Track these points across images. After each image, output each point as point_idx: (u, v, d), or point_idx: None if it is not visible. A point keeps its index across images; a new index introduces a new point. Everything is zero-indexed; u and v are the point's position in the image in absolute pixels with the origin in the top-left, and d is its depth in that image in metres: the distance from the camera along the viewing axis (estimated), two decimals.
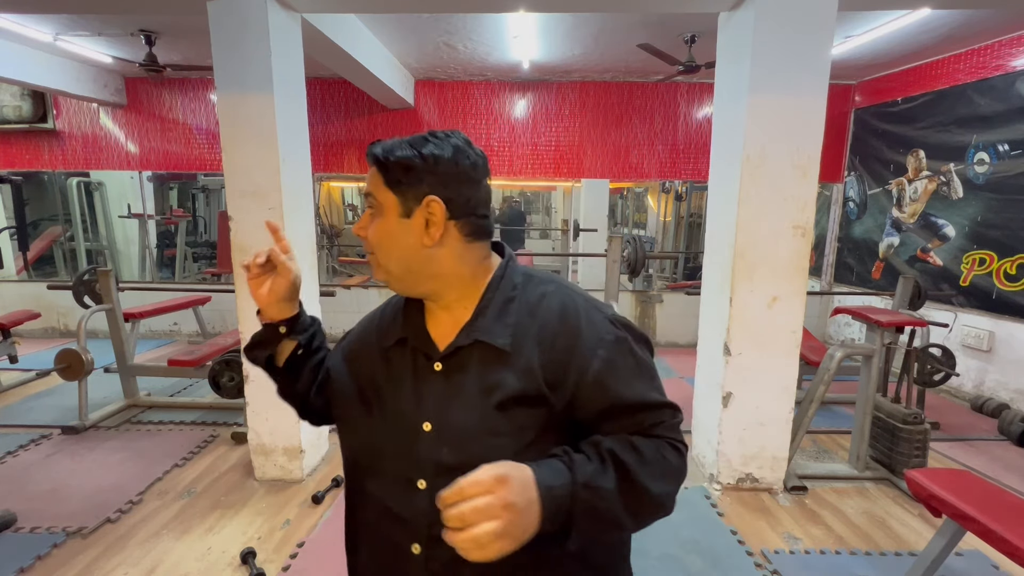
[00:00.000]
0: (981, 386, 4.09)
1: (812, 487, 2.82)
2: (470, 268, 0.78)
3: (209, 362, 3.40)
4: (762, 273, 2.59)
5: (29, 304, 5.41)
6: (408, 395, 0.77)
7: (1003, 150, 3.86)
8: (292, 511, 2.58)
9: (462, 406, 0.74)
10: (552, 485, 0.64)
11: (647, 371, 0.77)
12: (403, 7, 3.03)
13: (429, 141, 0.74)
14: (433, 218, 0.74)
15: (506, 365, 0.73)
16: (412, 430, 0.75)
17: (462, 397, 0.74)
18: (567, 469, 0.67)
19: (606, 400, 0.73)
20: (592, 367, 0.73)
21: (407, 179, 0.73)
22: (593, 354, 0.73)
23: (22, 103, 5.43)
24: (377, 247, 0.77)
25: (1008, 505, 1.71)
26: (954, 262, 4.26)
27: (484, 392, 0.73)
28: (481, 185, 0.78)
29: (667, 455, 0.73)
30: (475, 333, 0.75)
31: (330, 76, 5.31)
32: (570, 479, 0.65)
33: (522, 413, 0.72)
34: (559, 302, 0.77)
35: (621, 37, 4.07)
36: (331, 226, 7.68)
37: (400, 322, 0.83)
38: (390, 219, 0.75)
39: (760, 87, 2.44)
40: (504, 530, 0.58)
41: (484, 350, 0.75)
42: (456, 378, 0.75)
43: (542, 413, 0.73)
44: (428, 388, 0.76)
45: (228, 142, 2.59)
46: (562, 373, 0.73)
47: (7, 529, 2.38)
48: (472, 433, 0.72)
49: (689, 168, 5.60)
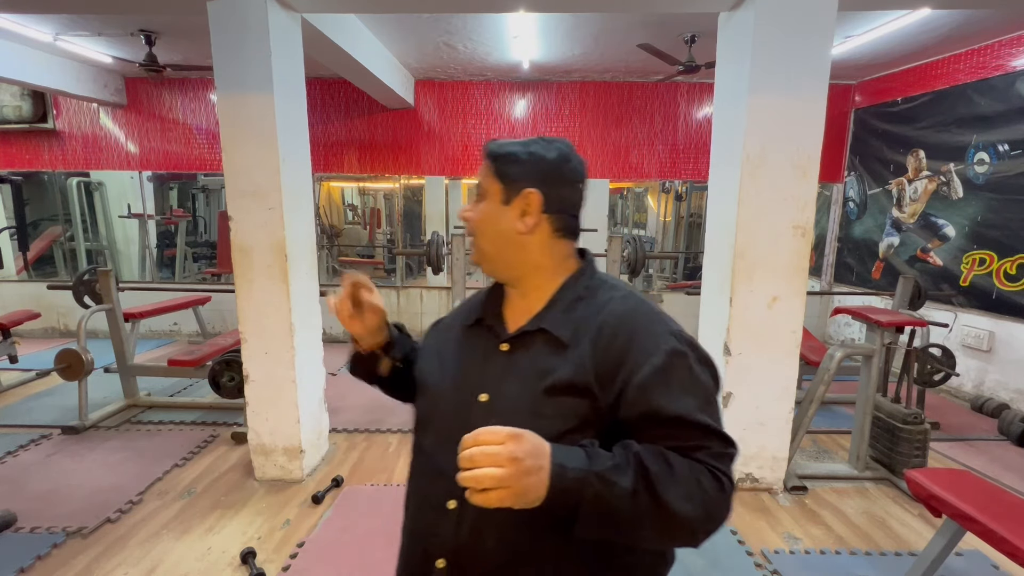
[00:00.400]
0: (981, 386, 4.09)
1: (812, 487, 2.82)
2: (553, 262, 0.86)
3: (209, 362, 3.40)
4: (762, 273, 2.59)
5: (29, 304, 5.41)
6: (475, 368, 0.86)
7: (1003, 150, 3.86)
8: (292, 511, 2.58)
9: (516, 384, 0.80)
10: (566, 464, 0.66)
11: (702, 392, 0.76)
12: (403, 7, 3.03)
13: (537, 143, 0.85)
14: (529, 208, 0.83)
15: (562, 355, 0.79)
16: (471, 398, 0.82)
17: (518, 376, 0.81)
18: (586, 456, 0.68)
19: (648, 406, 0.73)
20: (642, 371, 0.74)
21: (512, 171, 0.84)
22: (646, 359, 0.75)
23: (22, 103, 5.43)
24: (477, 228, 0.87)
25: (1008, 505, 1.71)
26: (954, 262, 4.26)
27: (538, 375, 0.79)
28: (576, 188, 0.87)
29: (703, 480, 0.70)
30: (541, 322, 0.83)
31: (330, 76, 5.31)
32: (586, 465, 0.67)
33: (568, 401, 0.76)
34: (624, 307, 0.81)
35: (621, 37, 4.07)
36: (331, 226, 7.68)
37: (481, 304, 0.93)
38: (493, 204, 0.85)
39: (760, 87, 2.44)
40: (505, 480, 0.62)
41: (546, 338, 0.81)
42: (517, 359, 0.82)
43: (586, 405, 0.76)
44: (492, 364, 0.84)
45: (228, 142, 2.59)
46: (613, 372, 0.76)
47: (7, 529, 2.38)
48: (520, 409, 0.77)
49: (689, 168, 5.60)
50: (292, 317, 2.71)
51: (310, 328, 2.93)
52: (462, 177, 5.82)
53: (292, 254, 2.70)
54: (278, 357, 2.74)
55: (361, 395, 4.16)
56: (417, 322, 5.89)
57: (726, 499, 0.72)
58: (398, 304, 5.87)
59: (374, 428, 3.54)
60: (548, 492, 0.65)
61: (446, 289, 5.68)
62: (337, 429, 3.50)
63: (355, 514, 2.56)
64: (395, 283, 6.09)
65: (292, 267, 2.70)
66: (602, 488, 0.66)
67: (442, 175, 5.70)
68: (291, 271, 2.69)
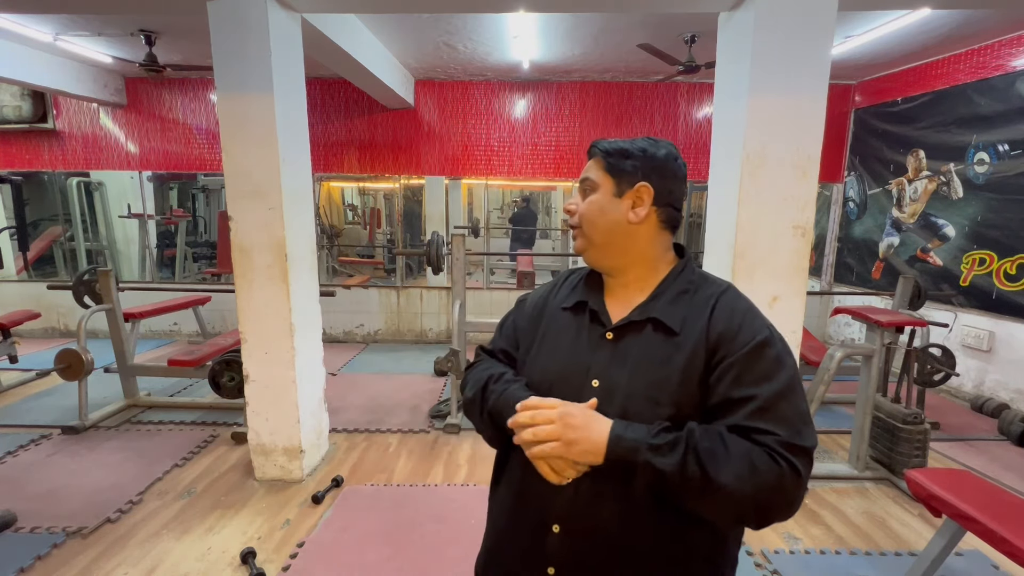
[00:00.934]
0: (981, 386, 4.09)
1: (812, 487, 2.82)
2: (657, 253, 0.93)
3: (209, 362, 3.40)
4: (762, 273, 2.59)
5: (29, 304, 5.41)
6: (582, 353, 0.90)
7: (1003, 150, 3.86)
8: (292, 511, 2.58)
9: (626, 372, 0.85)
10: (623, 435, 0.78)
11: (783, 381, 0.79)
12: (403, 7, 3.03)
13: (645, 141, 0.92)
14: (641, 200, 0.89)
15: (672, 344, 0.84)
16: (582, 383, 0.87)
17: (627, 364, 0.86)
18: (646, 431, 0.78)
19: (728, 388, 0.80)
20: (737, 354, 0.81)
21: (625, 166, 0.90)
22: (743, 344, 0.81)
23: (22, 103, 5.43)
24: (585, 219, 0.92)
25: (1008, 505, 1.71)
26: (954, 262, 4.26)
27: (649, 363, 0.84)
28: (682, 184, 0.93)
29: (757, 462, 0.74)
30: (650, 312, 0.87)
31: (330, 76, 5.31)
32: (642, 437, 0.77)
33: (686, 391, 0.82)
34: (730, 303, 0.87)
35: (621, 37, 4.07)
36: (331, 226, 7.68)
37: (581, 289, 0.96)
38: (604, 196, 0.91)
39: (760, 87, 2.44)
40: (554, 435, 0.78)
41: (656, 328, 0.86)
42: (623, 347, 0.87)
43: (699, 395, 0.82)
44: (597, 350, 0.89)
45: (228, 142, 2.59)
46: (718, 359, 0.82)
47: (7, 529, 2.38)
48: (637, 396, 0.83)
49: (689, 168, 5.58)
50: (292, 317, 2.71)
51: (310, 328, 2.93)
52: (462, 177, 5.81)
53: (292, 254, 2.70)
54: (278, 357, 2.74)
55: (361, 395, 4.16)
56: (417, 322, 5.89)
57: (783, 484, 0.74)
58: (398, 304, 5.87)
59: (374, 428, 3.54)
60: (606, 454, 0.77)
61: (446, 289, 5.68)
62: (337, 429, 3.50)
63: (355, 514, 2.56)
64: (395, 283, 6.09)
65: (292, 267, 2.70)
66: (652, 456, 0.75)
67: (442, 175, 5.70)
68: (291, 271, 2.69)
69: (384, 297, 5.87)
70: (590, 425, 0.79)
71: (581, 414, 0.80)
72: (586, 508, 0.83)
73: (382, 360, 5.19)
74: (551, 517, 0.86)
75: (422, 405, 3.96)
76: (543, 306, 1.00)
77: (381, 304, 5.87)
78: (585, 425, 0.79)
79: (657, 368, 0.84)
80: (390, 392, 4.24)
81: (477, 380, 0.96)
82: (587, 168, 0.94)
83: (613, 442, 0.77)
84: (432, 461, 3.10)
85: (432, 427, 3.57)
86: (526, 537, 0.89)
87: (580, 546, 0.85)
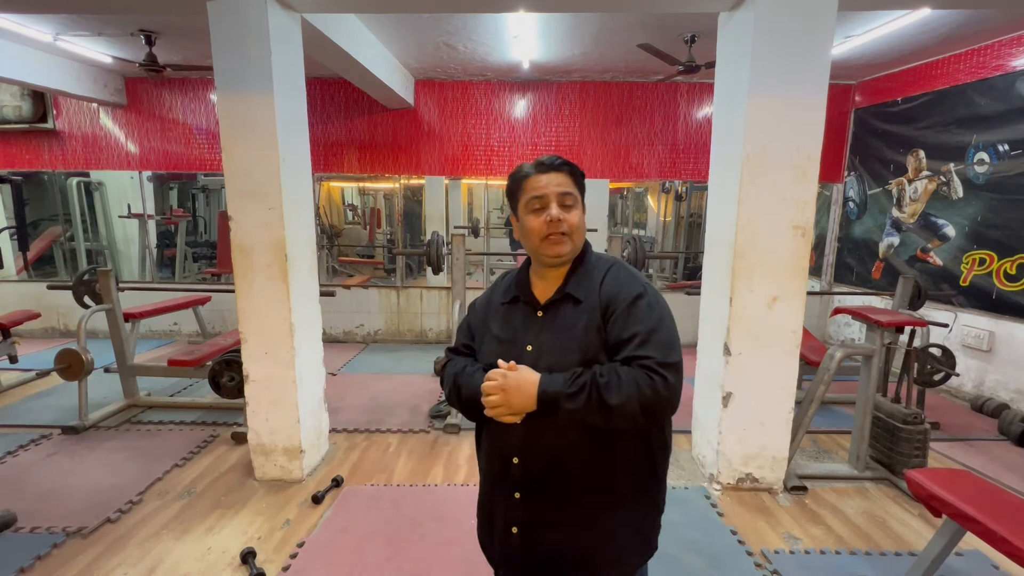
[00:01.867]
0: (981, 386, 4.09)
1: (812, 487, 2.82)
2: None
3: (209, 362, 3.40)
4: (762, 273, 2.59)
5: (29, 304, 5.41)
6: (518, 330, 1.19)
7: (1003, 150, 3.86)
8: (292, 511, 2.58)
9: (553, 335, 1.15)
10: (547, 389, 1.06)
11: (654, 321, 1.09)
12: (403, 7, 3.03)
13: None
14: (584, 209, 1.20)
15: (581, 310, 1.14)
16: (520, 350, 1.16)
17: (553, 330, 1.16)
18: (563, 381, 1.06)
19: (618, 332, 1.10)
20: (620, 307, 1.11)
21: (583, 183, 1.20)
22: (624, 300, 1.11)
23: (22, 103, 5.43)
24: (574, 229, 1.16)
25: (1008, 505, 1.71)
26: (954, 262, 4.26)
27: (565, 326, 1.14)
28: None
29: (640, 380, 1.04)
30: (565, 290, 1.17)
31: (330, 76, 5.31)
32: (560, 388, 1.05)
33: (586, 339, 1.11)
34: (615, 273, 1.17)
35: (621, 37, 4.07)
36: (331, 226, 7.68)
37: (512, 287, 1.25)
38: (579, 210, 1.18)
39: (760, 87, 2.44)
40: (500, 401, 1.07)
41: (570, 301, 1.16)
42: (549, 318, 1.17)
43: (598, 339, 1.11)
44: (531, 325, 1.18)
45: (228, 142, 2.59)
46: (609, 313, 1.12)
47: (7, 529, 2.38)
48: (557, 350, 1.13)
49: (689, 168, 5.60)
50: (292, 317, 2.71)
51: (310, 328, 2.93)
52: (462, 177, 5.82)
53: (292, 254, 2.70)
54: (278, 357, 2.74)
55: (361, 395, 4.16)
56: (417, 322, 5.89)
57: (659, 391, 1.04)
58: (398, 304, 5.87)
59: (374, 428, 3.54)
60: (537, 404, 1.07)
61: (446, 289, 5.68)
62: (337, 429, 3.50)
63: (355, 514, 2.56)
64: (395, 283, 6.09)
65: (292, 267, 2.70)
66: (567, 401, 1.05)
67: (442, 175, 5.70)
68: (291, 271, 2.69)
69: (384, 297, 5.87)
70: (522, 387, 1.07)
71: (515, 379, 1.08)
72: (532, 441, 1.13)
73: (382, 360, 5.19)
74: (510, 453, 1.15)
75: (422, 405, 3.96)
76: (487, 304, 1.29)
77: (381, 304, 5.87)
78: (518, 387, 1.07)
79: (570, 328, 1.14)
80: (390, 392, 4.24)
81: (449, 377, 1.23)
82: (562, 183, 1.15)
83: (540, 396, 1.06)
84: (432, 461, 3.10)
85: (432, 427, 3.57)
86: (497, 472, 1.20)
87: (534, 470, 1.14)
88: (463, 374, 1.20)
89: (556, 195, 1.14)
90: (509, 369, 1.09)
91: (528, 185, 1.17)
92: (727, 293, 2.64)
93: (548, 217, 1.13)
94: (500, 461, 1.18)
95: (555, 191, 1.14)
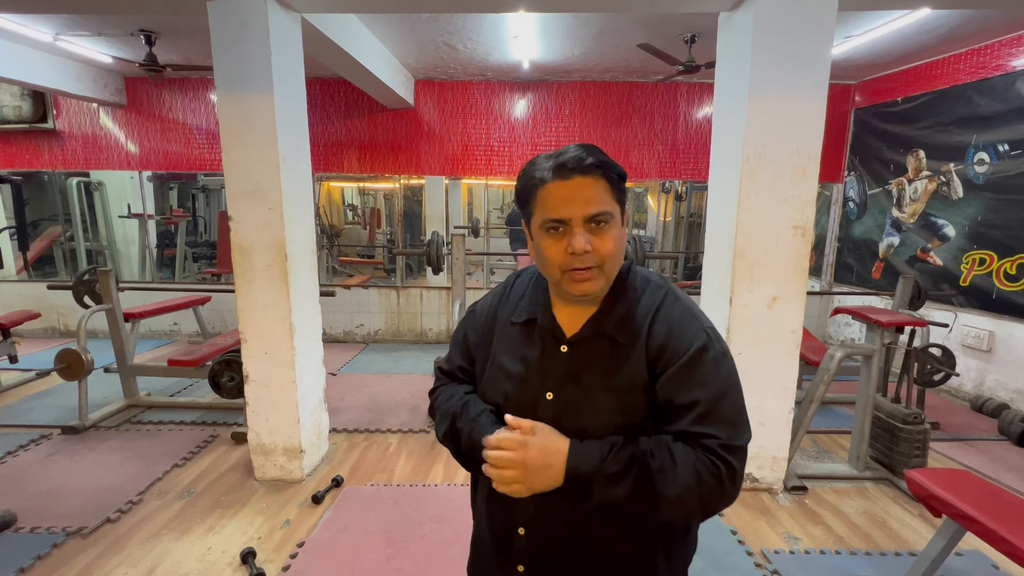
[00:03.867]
0: (981, 386, 4.09)
1: (812, 487, 2.82)
2: None
3: (209, 362, 3.40)
4: (762, 273, 2.59)
5: (29, 304, 5.42)
6: (535, 367, 0.90)
7: (1003, 150, 3.86)
8: (292, 511, 2.58)
9: (583, 385, 0.87)
10: (579, 467, 0.80)
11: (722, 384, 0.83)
12: (403, 7, 3.03)
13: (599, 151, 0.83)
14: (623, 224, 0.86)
15: (619, 356, 0.86)
16: (536, 395, 0.88)
17: (583, 377, 0.87)
18: (599, 459, 0.80)
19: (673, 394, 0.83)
20: (678, 362, 0.82)
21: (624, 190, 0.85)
22: (683, 351, 0.83)
23: (22, 103, 5.43)
24: (609, 257, 0.82)
25: (1008, 505, 1.71)
26: (954, 262, 4.26)
27: (599, 375, 0.86)
28: None
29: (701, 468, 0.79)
30: (600, 326, 0.87)
31: (330, 76, 5.31)
32: (595, 468, 0.80)
33: (626, 397, 0.85)
34: (669, 309, 0.87)
35: (621, 37, 4.07)
36: (331, 226, 7.68)
37: (528, 302, 0.94)
38: (618, 227, 0.83)
39: (760, 87, 2.44)
40: (516, 478, 0.80)
41: (606, 342, 0.87)
42: (578, 360, 0.88)
43: (642, 399, 0.84)
44: (552, 364, 0.89)
45: (228, 142, 2.59)
46: (661, 367, 0.84)
47: (7, 529, 2.38)
48: (588, 408, 0.86)
49: (689, 168, 5.60)
50: (292, 317, 2.71)
51: (310, 328, 2.93)
52: (462, 177, 5.82)
53: (292, 254, 2.70)
54: (278, 357, 2.74)
55: (361, 395, 4.16)
56: (417, 322, 5.89)
57: (723, 483, 0.80)
58: (398, 304, 5.87)
59: (374, 428, 3.54)
60: (565, 483, 0.80)
61: (446, 289, 5.68)
62: (337, 429, 3.50)
63: (355, 514, 2.56)
64: (395, 283, 6.09)
65: (292, 267, 2.70)
66: (607, 487, 0.80)
67: (442, 175, 5.70)
68: (291, 271, 2.69)
69: (384, 297, 5.87)
70: (547, 460, 0.80)
71: (539, 450, 0.80)
72: (547, 513, 0.89)
73: (382, 360, 5.19)
74: (517, 522, 0.92)
75: (422, 405, 3.96)
76: (493, 317, 0.98)
77: (381, 304, 5.87)
78: (542, 461, 0.80)
79: (606, 379, 0.85)
80: (390, 392, 4.24)
81: (444, 414, 0.96)
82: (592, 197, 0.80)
83: (570, 473, 0.80)
84: (432, 461, 3.10)
85: (432, 427, 3.57)
86: (498, 539, 0.97)
87: (543, 545, 0.91)
88: (463, 416, 0.92)
89: (582, 219, 0.79)
90: (525, 432, 0.81)
91: (544, 198, 0.81)
92: (727, 293, 2.64)
93: (571, 249, 0.80)
94: (503, 526, 0.95)
95: (581, 214, 0.79)
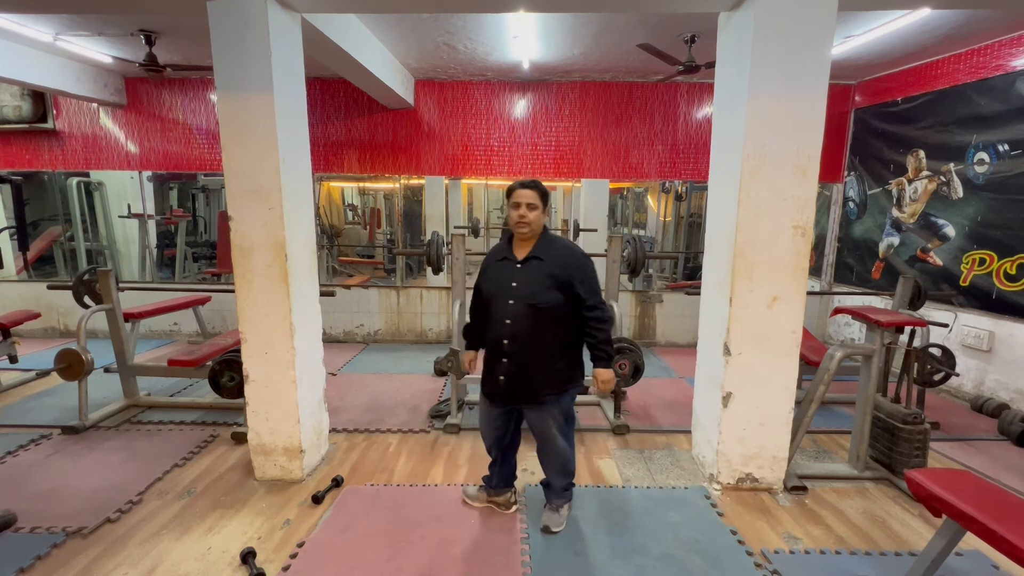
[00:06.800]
0: (981, 386, 4.09)
1: (812, 487, 2.82)
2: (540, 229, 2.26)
3: (209, 362, 3.40)
4: (762, 273, 2.59)
5: (29, 304, 5.42)
6: (507, 276, 2.22)
7: (1003, 150, 3.86)
8: (292, 511, 2.58)
9: (527, 279, 2.18)
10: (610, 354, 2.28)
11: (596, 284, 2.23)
12: (403, 7, 3.03)
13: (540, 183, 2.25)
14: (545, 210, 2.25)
15: (545, 266, 2.18)
16: (509, 286, 2.20)
17: (527, 276, 2.19)
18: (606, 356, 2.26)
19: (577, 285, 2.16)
20: (576, 275, 2.17)
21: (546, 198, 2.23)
22: (576, 268, 2.19)
23: (22, 103, 5.44)
24: (534, 221, 2.19)
25: (1008, 505, 1.71)
26: (954, 262, 4.26)
27: (536, 277, 2.17)
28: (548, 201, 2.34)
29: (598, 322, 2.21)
30: (533, 253, 2.21)
31: (330, 76, 5.32)
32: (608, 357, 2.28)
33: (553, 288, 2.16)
34: (564, 245, 2.26)
35: (621, 37, 4.07)
36: (331, 226, 7.67)
37: (503, 250, 2.29)
38: (539, 211, 2.20)
39: (760, 87, 2.44)
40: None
41: (537, 261, 2.20)
42: (525, 269, 2.20)
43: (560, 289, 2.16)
44: (514, 272, 2.21)
45: (228, 142, 2.59)
46: (566, 276, 2.16)
47: (7, 529, 2.38)
48: (533, 291, 2.16)
49: (689, 168, 5.61)
50: (292, 317, 2.71)
51: (310, 328, 2.93)
52: (462, 177, 5.82)
53: (292, 254, 2.70)
54: (278, 357, 2.74)
55: (361, 395, 4.16)
56: (417, 322, 5.89)
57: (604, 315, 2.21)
58: (398, 304, 5.87)
59: (374, 428, 3.54)
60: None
61: (446, 289, 5.68)
62: (337, 429, 3.50)
63: (355, 514, 2.56)
64: (395, 283, 6.09)
65: (292, 267, 2.70)
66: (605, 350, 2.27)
67: (442, 175, 5.70)
68: (291, 271, 2.69)
69: (384, 297, 5.87)
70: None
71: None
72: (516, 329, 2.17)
73: (382, 360, 5.19)
74: (503, 336, 2.19)
75: (422, 405, 3.96)
76: (489, 263, 2.32)
77: (381, 304, 5.87)
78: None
79: (538, 276, 2.16)
80: (390, 392, 4.24)
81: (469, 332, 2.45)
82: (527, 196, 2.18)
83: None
84: (432, 461, 3.10)
85: (432, 427, 3.57)
86: (495, 348, 2.26)
87: (515, 347, 2.18)
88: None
89: (525, 204, 2.18)
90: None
91: (514, 192, 2.21)
92: (727, 293, 2.64)
93: (519, 214, 2.19)
94: (495, 341, 2.23)
95: (525, 200, 2.18)
